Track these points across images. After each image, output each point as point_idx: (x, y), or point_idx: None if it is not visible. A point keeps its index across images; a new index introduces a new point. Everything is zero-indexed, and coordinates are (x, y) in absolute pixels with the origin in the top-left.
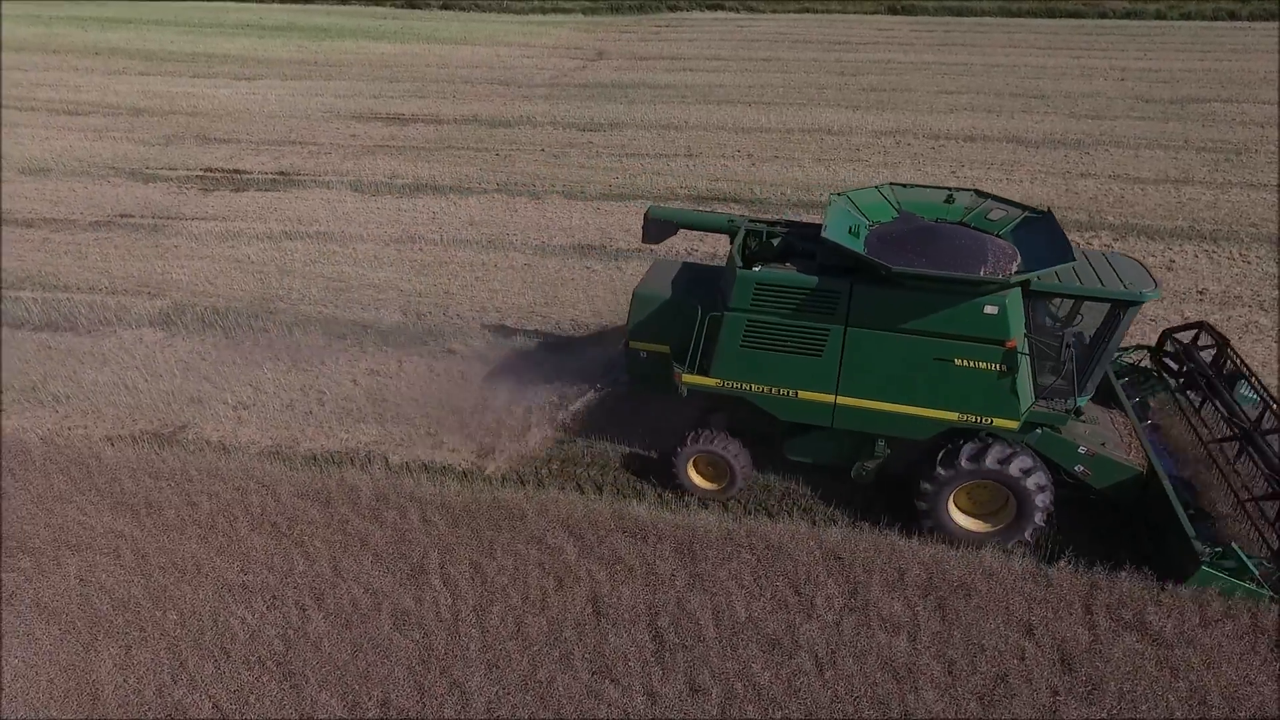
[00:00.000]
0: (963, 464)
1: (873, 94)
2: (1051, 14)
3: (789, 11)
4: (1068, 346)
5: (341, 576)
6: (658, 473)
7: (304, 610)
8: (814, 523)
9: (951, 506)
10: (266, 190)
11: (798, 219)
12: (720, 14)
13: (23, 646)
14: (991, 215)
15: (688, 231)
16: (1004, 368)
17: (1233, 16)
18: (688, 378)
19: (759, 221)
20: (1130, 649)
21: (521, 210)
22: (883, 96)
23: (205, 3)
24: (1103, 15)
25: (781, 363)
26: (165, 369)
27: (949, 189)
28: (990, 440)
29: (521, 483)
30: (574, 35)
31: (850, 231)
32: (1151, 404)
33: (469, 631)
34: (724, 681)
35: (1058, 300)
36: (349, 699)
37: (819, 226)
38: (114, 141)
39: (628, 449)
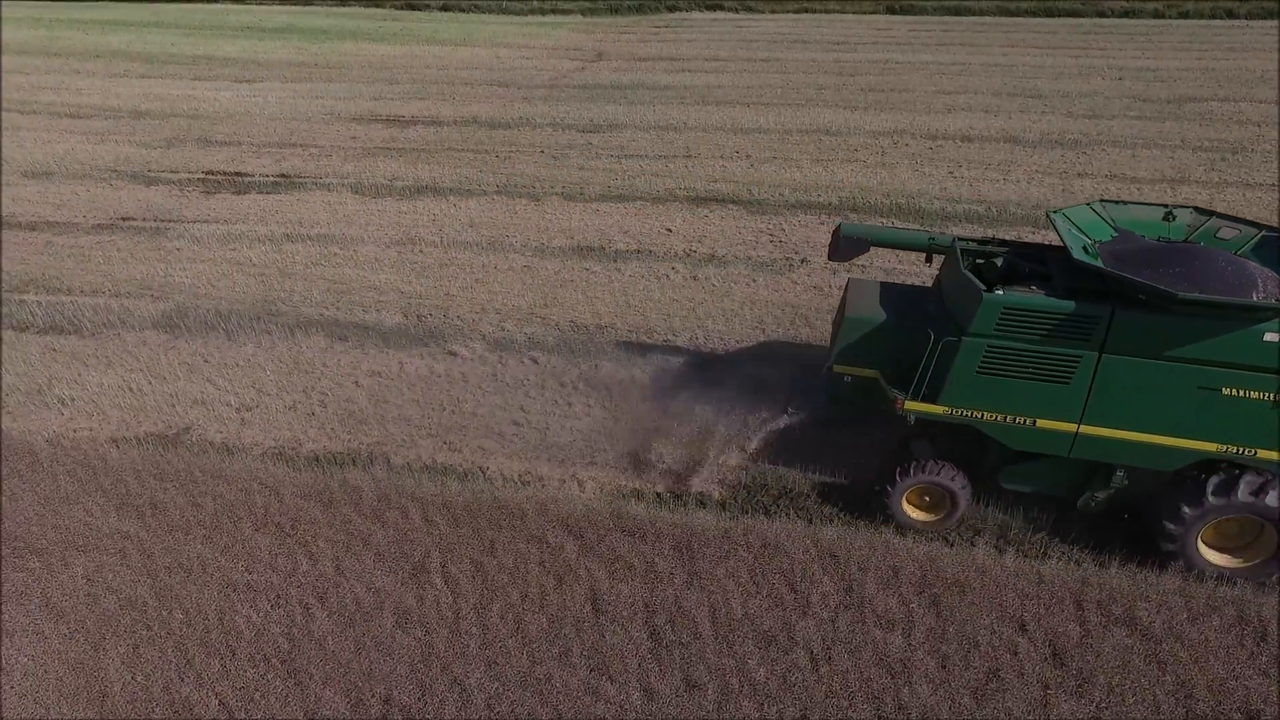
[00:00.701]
0: (1210, 499)
1: (871, 94)
2: (1049, 13)
3: (788, 11)
4: None
5: (344, 576)
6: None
7: (308, 609)
8: (810, 521)
9: (1200, 543)
10: (268, 193)
11: (1011, 238)
12: (719, 14)
13: (32, 645)
14: (1222, 234)
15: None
16: (1278, 397)
17: (1231, 15)
18: (911, 404)
19: (969, 240)
20: (1120, 643)
21: (521, 212)
22: (881, 97)
23: (205, 4)
24: (1101, 14)
25: (1020, 390)
26: (169, 371)
27: (1166, 206)
28: (1239, 472)
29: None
30: (573, 36)
31: (1085, 251)
32: None
33: (470, 629)
34: (720, 678)
35: None
36: (352, 696)
37: (1042, 246)
38: (116, 144)
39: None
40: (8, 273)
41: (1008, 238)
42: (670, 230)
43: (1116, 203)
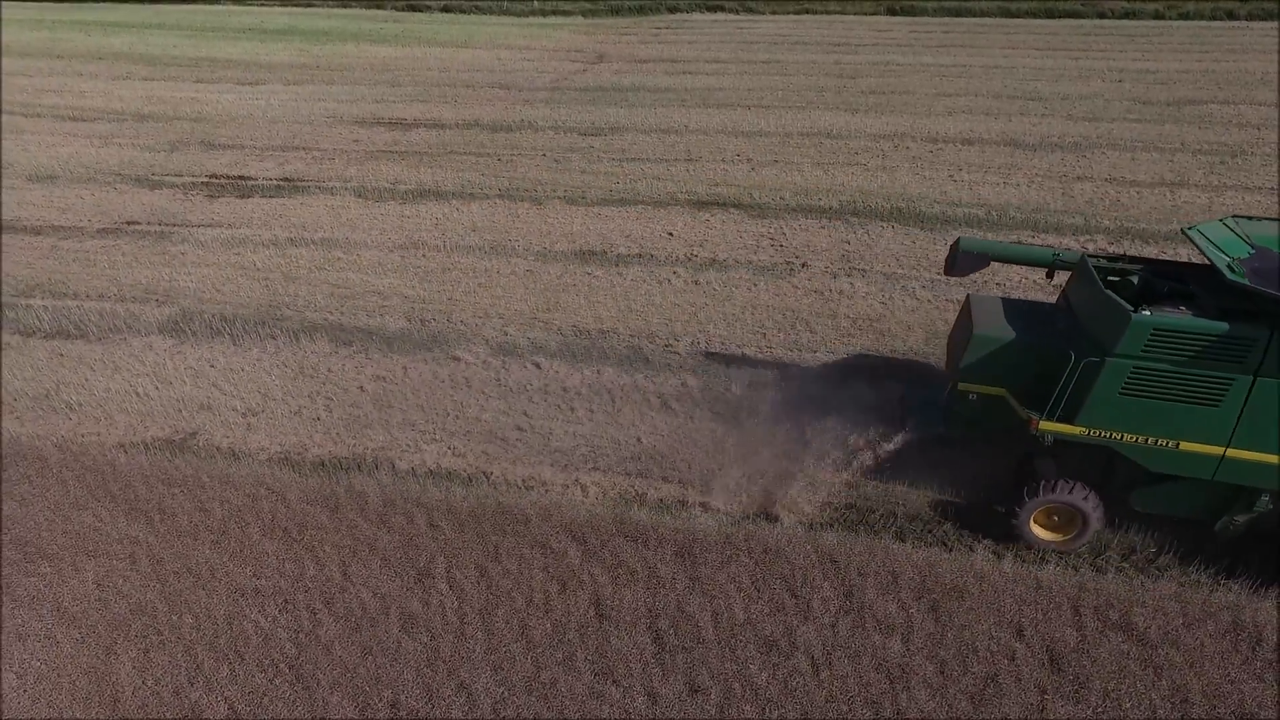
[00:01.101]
0: None
1: (871, 96)
2: (1050, 14)
3: (788, 13)
4: None
5: (351, 581)
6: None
7: (315, 614)
8: (810, 527)
9: None
10: (271, 196)
11: (1141, 255)
12: (720, 15)
13: (44, 650)
14: None
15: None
16: None
17: (1231, 16)
18: (1046, 424)
19: (1098, 257)
20: (1116, 649)
21: (523, 216)
22: (881, 99)
23: (206, 6)
24: (1101, 15)
25: (1165, 411)
26: (175, 376)
27: None
28: None
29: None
30: (574, 38)
31: (1231, 269)
32: None
33: (475, 634)
34: (722, 682)
35: None
36: (359, 700)
37: (1179, 264)
38: (119, 148)
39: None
40: (13, 277)
41: (1142, 255)
42: (672, 234)
43: (1249, 218)
